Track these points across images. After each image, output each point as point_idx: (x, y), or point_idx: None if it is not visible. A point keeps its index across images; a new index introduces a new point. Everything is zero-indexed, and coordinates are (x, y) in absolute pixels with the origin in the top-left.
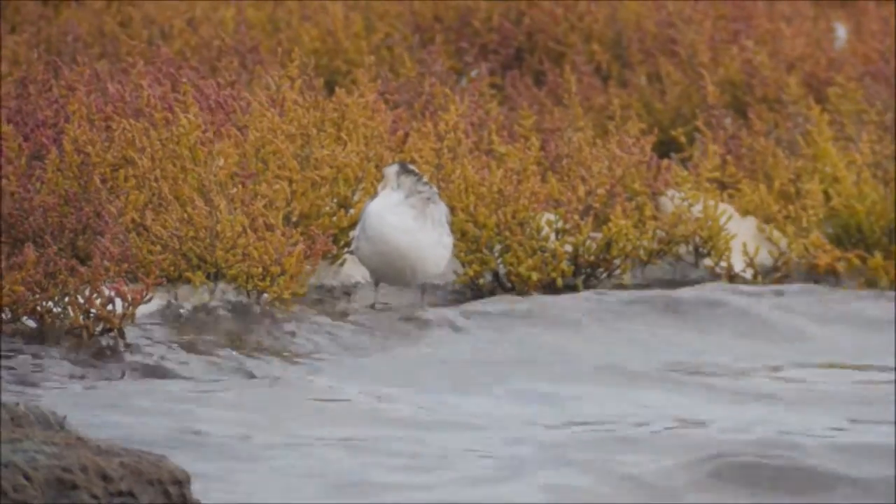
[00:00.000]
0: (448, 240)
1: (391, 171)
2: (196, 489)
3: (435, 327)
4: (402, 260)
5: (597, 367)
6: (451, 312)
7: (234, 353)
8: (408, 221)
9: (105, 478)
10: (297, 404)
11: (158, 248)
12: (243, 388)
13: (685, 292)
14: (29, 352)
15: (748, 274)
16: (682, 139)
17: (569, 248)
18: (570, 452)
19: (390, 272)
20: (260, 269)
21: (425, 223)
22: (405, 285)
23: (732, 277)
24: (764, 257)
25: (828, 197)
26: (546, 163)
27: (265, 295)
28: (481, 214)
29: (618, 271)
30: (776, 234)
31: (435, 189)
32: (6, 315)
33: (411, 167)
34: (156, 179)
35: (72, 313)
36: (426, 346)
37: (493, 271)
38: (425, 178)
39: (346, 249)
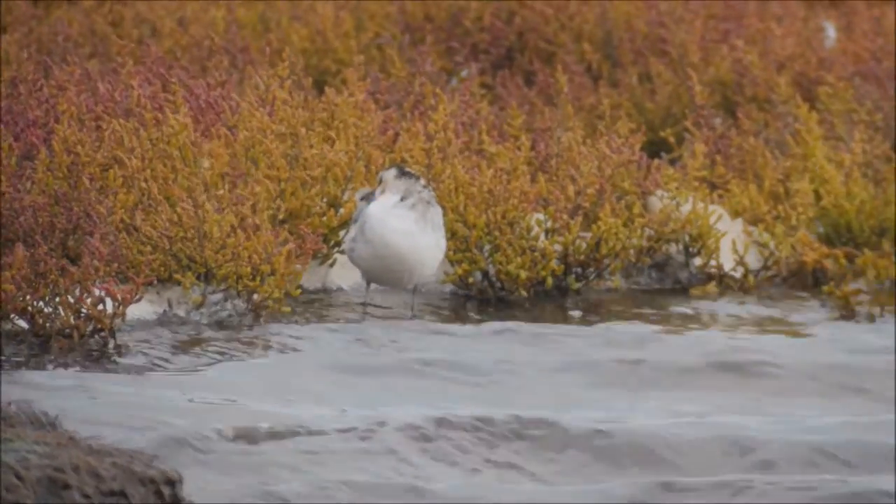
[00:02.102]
0: (443, 243)
1: (389, 174)
2: (187, 490)
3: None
4: (401, 264)
5: None
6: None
7: (225, 353)
8: (409, 225)
9: (97, 477)
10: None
11: (148, 248)
12: (233, 390)
13: None
14: (20, 352)
15: (738, 273)
16: (672, 139)
17: (558, 247)
18: None
19: (388, 275)
20: (249, 269)
21: (426, 227)
22: (399, 287)
23: (722, 277)
24: (753, 256)
25: (818, 196)
26: (536, 162)
27: (255, 295)
28: (471, 214)
29: (607, 271)
30: (765, 235)
31: (433, 192)
32: None
33: (409, 170)
34: (145, 180)
35: (62, 313)
36: (417, 351)
37: (482, 271)
38: (423, 182)
39: (335, 249)
